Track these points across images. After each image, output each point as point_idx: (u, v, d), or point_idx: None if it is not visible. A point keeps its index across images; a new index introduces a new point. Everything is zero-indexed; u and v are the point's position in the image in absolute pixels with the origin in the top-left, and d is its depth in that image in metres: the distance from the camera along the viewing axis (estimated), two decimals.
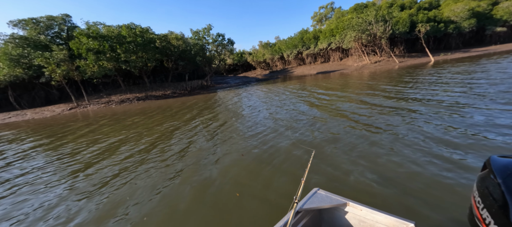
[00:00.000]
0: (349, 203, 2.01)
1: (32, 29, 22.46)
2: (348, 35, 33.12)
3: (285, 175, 4.15)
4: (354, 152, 4.75)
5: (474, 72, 14.13)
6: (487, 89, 8.92)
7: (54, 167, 5.98)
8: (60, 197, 4.31)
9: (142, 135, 8.39)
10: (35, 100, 24.54)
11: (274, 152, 5.30)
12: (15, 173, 5.87)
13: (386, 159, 4.28)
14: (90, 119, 14.42)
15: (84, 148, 7.59)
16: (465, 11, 33.65)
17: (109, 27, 22.83)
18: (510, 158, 1.04)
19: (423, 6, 38.91)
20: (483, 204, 0.95)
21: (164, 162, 5.46)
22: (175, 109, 14.19)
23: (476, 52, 32.09)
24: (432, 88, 10.75)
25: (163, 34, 28.55)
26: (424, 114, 6.76)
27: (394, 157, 4.34)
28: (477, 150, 4.25)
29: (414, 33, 32.43)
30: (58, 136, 10.11)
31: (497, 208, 0.86)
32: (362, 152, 4.72)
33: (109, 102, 21.59)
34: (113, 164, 5.74)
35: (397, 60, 31.53)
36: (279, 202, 3.38)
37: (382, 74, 20.20)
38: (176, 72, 31.47)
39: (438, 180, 3.48)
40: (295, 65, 49.64)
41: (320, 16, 54.80)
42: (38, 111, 20.34)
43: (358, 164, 4.23)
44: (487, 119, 5.69)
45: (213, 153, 5.68)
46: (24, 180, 5.35)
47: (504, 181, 0.89)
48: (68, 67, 20.03)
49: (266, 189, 3.77)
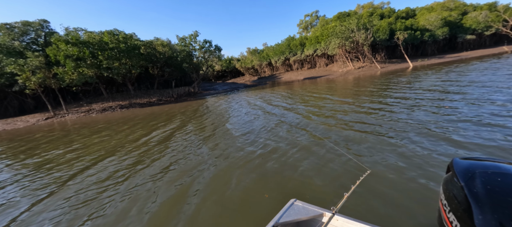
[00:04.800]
0: (325, 213, 1.97)
1: (5, 35, 21.14)
2: (333, 42, 34.29)
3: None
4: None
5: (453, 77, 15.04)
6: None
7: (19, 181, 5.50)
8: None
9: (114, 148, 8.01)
10: (8, 110, 22.92)
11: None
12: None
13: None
14: (66, 129, 13.62)
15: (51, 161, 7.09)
16: (438, 20, 36.12)
17: (90, 33, 22.01)
18: (471, 160, 1.06)
19: (400, 15, 41.34)
20: (449, 207, 0.96)
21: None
22: (161, 118, 13.78)
23: (449, 59, 34.33)
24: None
25: (148, 41, 28.04)
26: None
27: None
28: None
29: (394, 41, 34.23)
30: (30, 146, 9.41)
31: (462, 211, 0.87)
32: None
33: (89, 111, 20.60)
34: (100, 181, 5.39)
35: (379, 66, 32.96)
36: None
37: (366, 80, 20.97)
38: (162, 79, 30.84)
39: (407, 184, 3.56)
40: (283, 71, 50.40)
41: (305, 23, 56.43)
42: (9, 122, 18.95)
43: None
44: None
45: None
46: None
47: (466, 184, 0.90)
48: (45, 74, 18.98)
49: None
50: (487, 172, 0.91)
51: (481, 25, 38.40)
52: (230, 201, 3.62)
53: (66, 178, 5.42)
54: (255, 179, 4.25)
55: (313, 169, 4.33)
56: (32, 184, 5.32)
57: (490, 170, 0.92)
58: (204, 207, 3.53)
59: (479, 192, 0.84)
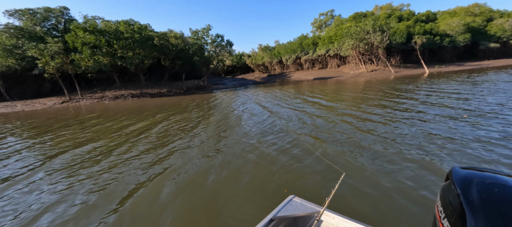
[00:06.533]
0: (323, 211, 1.99)
1: (28, 20, 22.12)
2: (346, 43, 33.52)
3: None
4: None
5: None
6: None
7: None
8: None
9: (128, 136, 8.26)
10: (26, 93, 24.09)
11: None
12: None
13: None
14: (81, 114, 14.18)
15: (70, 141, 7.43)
16: (460, 25, 34.46)
17: (107, 22, 22.64)
18: (471, 170, 1.07)
19: (420, 18, 39.73)
20: (445, 214, 0.98)
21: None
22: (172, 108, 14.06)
23: (469, 67, 32.78)
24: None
25: (162, 32, 28.46)
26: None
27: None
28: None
29: (410, 45, 32.99)
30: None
31: (456, 218, 0.89)
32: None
33: (102, 98, 21.31)
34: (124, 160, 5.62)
35: (392, 70, 31.98)
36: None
37: (378, 83, 20.43)
38: (172, 71, 31.33)
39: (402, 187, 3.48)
40: (293, 70, 49.93)
41: (320, 22, 55.41)
42: (28, 104, 19.95)
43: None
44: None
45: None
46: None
47: (462, 192, 0.92)
48: (62, 60, 19.76)
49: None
50: (485, 182, 0.93)
51: (507, 33, 36.35)
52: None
53: (102, 151, 5.68)
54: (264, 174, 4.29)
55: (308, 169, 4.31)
56: (43, 149, 5.63)
57: (488, 180, 0.94)
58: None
59: (474, 200, 0.86)
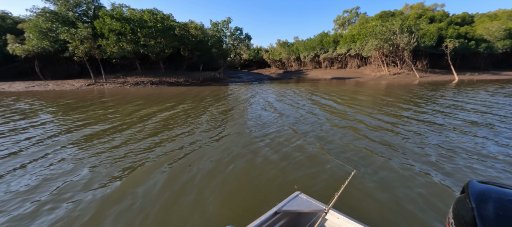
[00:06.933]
0: (327, 210, 1.99)
1: (62, 5, 23.56)
2: (369, 43, 31.98)
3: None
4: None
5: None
6: None
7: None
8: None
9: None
10: (57, 73, 25.94)
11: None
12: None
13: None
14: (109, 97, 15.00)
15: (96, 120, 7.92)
16: (501, 30, 31.32)
17: (132, 10, 23.52)
18: (489, 185, 1.02)
19: (454, 20, 36.66)
20: (456, 226, 0.97)
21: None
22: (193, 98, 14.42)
23: (507, 76, 29.95)
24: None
25: (184, 23, 29.01)
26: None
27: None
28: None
29: (441, 48, 30.68)
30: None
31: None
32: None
33: (124, 83, 22.38)
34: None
35: (418, 75, 30.11)
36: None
37: (400, 88, 19.35)
38: (190, 61, 31.97)
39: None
40: (311, 68, 48.84)
41: (343, 20, 53.26)
42: (59, 84, 21.49)
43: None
44: None
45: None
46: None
47: (477, 206, 0.89)
48: (91, 45, 20.93)
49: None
50: (503, 199, 0.88)
51: None
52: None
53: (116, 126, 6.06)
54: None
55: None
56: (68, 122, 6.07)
57: (507, 197, 0.89)
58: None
59: (489, 216, 0.82)
